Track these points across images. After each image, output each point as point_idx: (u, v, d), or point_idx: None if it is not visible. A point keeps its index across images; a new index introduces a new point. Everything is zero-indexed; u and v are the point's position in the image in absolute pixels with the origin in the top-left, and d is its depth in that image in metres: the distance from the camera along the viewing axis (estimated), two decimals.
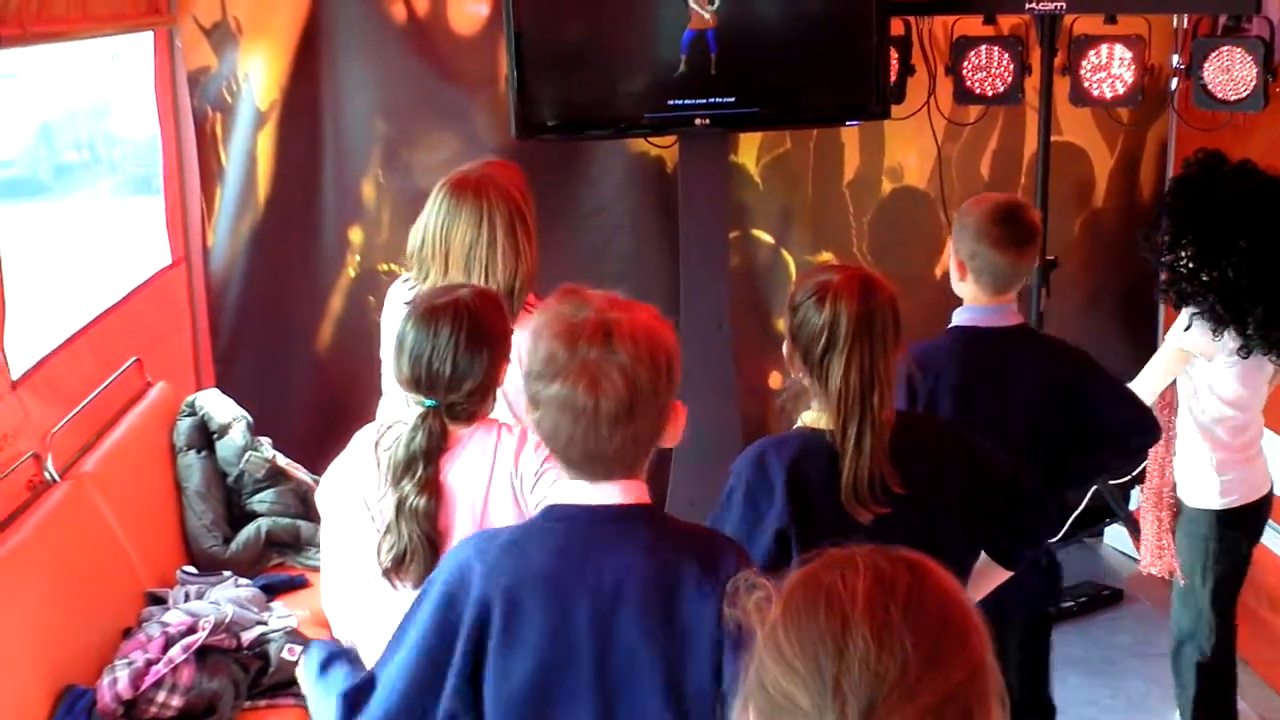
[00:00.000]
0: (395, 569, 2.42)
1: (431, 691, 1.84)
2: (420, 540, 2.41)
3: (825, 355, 2.37)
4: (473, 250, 2.97)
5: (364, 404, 3.36)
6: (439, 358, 2.43)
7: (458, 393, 2.45)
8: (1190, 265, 3.50)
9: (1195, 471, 3.68)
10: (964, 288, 3.08)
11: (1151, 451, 3.72)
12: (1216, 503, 3.66)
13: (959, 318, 3.09)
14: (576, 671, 1.82)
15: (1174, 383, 3.71)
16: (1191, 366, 3.62)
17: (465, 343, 2.43)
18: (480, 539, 1.94)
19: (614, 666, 1.82)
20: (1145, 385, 3.61)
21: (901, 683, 1.12)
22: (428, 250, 3.02)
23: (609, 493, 1.84)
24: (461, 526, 2.45)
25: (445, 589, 1.87)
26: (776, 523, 2.40)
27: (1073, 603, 4.70)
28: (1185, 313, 3.57)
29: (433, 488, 2.43)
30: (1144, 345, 4.73)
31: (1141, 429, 3.17)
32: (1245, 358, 3.51)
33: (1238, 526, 3.69)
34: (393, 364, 2.53)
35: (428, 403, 2.45)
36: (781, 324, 5.22)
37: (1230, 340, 3.48)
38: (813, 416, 2.47)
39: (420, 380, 2.45)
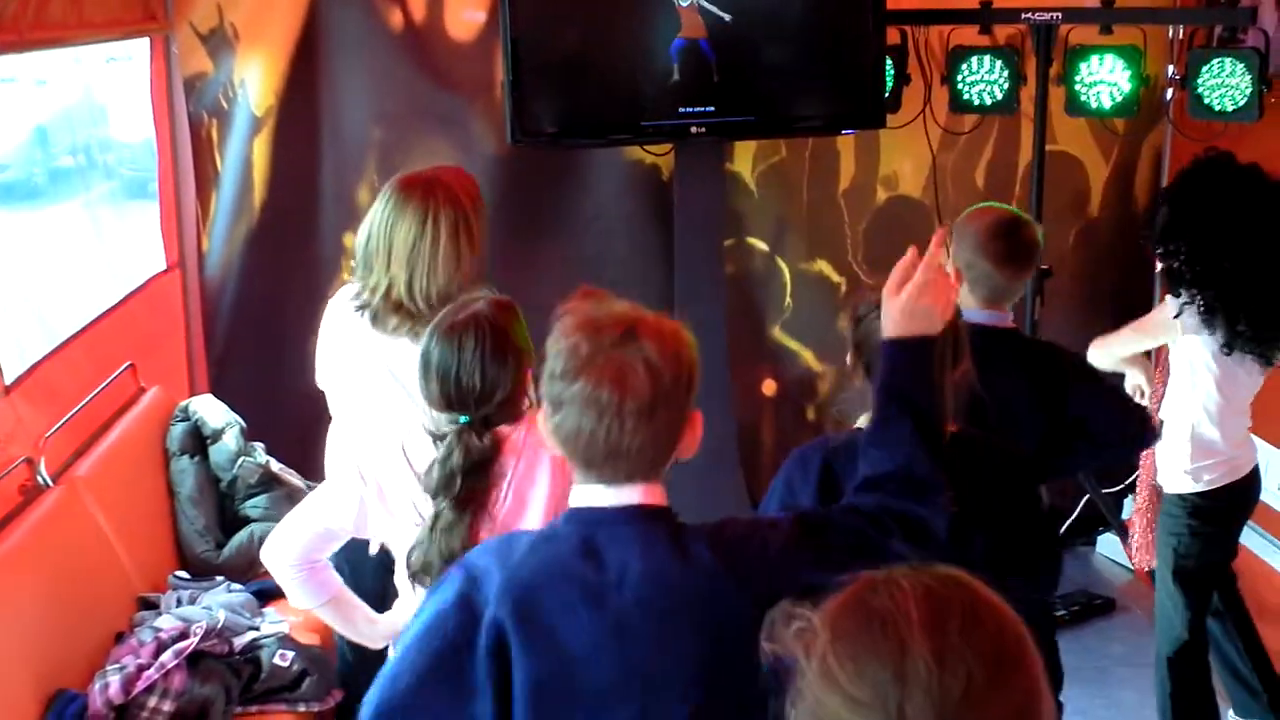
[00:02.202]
0: (420, 575, 2.45)
1: (442, 693, 1.82)
2: (447, 556, 2.42)
3: None
4: (415, 250, 2.99)
5: None
6: (467, 372, 2.44)
7: (489, 405, 2.46)
8: (1184, 257, 3.53)
9: (1170, 456, 3.70)
10: (964, 296, 3.09)
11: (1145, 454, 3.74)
12: (1189, 487, 3.68)
13: None
14: (604, 671, 1.80)
15: (1160, 369, 3.74)
16: (1178, 351, 3.64)
17: (491, 354, 2.44)
18: (499, 544, 1.92)
19: (642, 665, 1.80)
20: (1116, 345, 3.67)
21: (966, 701, 1.10)
22: (372, 247, 3.04)
23: (629, 494, 1.83)
24: (535, 511, 2.48)
25: (460, 591, 1.84)
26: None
27: (1065, 611, 4.70)
28: (1175, 301, 3.59)
29: (467, 504, 2.44)
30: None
31: (1130, 429, 3.17)
32: (1228, 355, 3.53)
33: (1211, 513, 3.70)
34: (419, 387, 2.53)
35: (462, 419, 2.46)
36: (777, 332, 5.28)
37: (1217, 336, 3.51)
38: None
39: (451, 398, 2.46)
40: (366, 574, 2.99)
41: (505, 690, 1.80)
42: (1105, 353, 3.76)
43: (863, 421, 2.51)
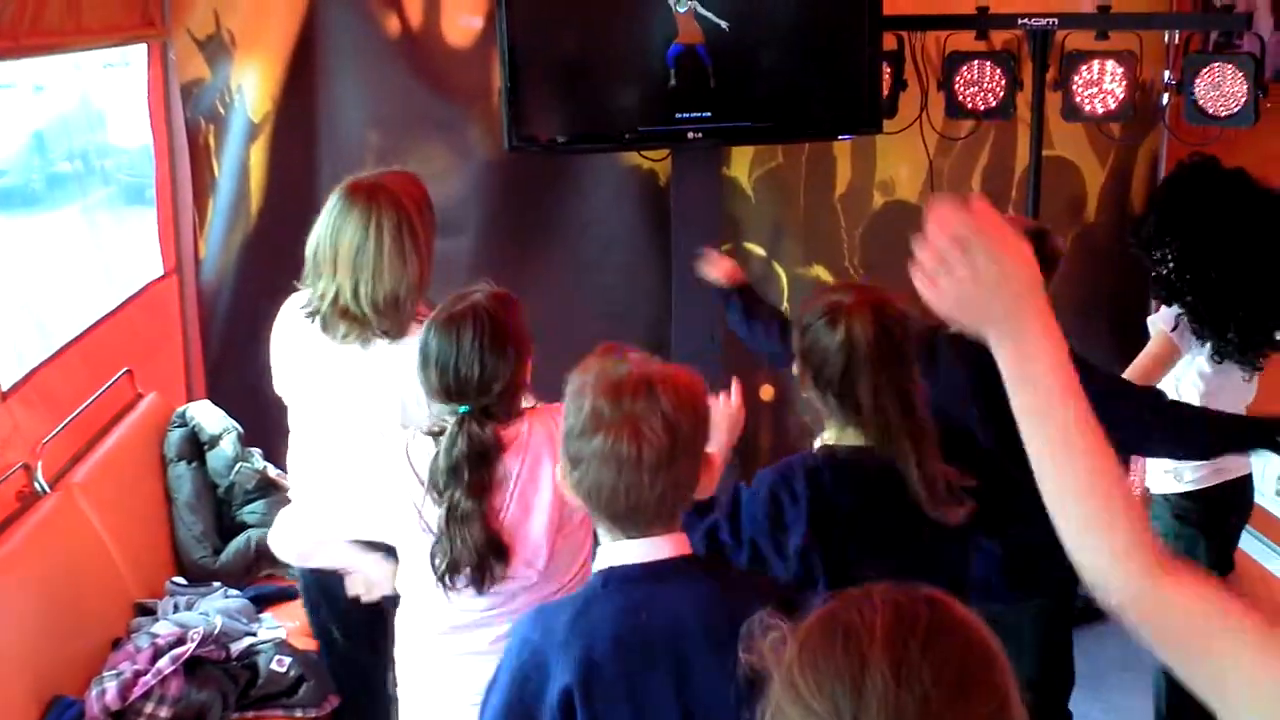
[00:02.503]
0: (450, 576, 2.46)
1: None
2: (471, 547, 2.44)
3: (845, 377, 2.39)
4: (359, 254, 2.99)
5: None
6: (465, 362, 2.46)
7: (489, 395, 2.49)
8: (1172, 264, 3.53)
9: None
10: None
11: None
12: (1170, 487, 3.68)
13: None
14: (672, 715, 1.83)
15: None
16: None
17: (489, 344, 2.47)
18: (542, 616, 1.95)
19: (699, 715, 1.83)
20: (1137, 371, 3.64)
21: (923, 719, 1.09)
22: (320, 253, 3.05)
23: (659, 547, 1.87)
24: (539, 518, 2.50)
25: (518, 672, 1.88)
26: (799, 540, 2.40)
27: None
28: (1170, 312, 3.59)
29: (480, 490, 2.46)
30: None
31: (1141, 420, 3.15)
32: (1219, 363, 3.54)
33: (1194, 515, 3.69)
34: (419, 378, 2.54)
35: (461, 409, 2.47)
36: None
37: (1208, 346, 3.51)
38: (834, 435, 2.48)
39: (450, 388, 2.49)
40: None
41: None
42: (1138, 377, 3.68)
43: (828, 438, 2.50)
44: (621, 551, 1.89)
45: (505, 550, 2.49)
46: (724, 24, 4.34)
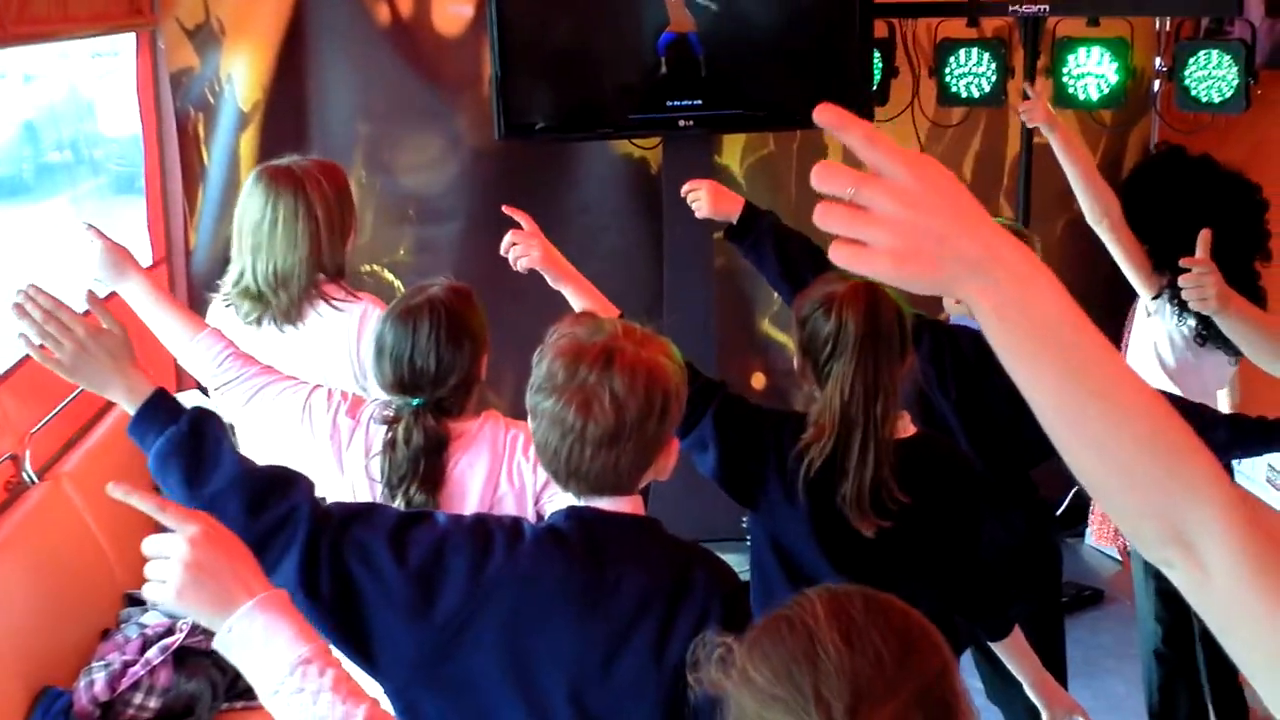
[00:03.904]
0: None
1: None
2: None
3: (828, 363, 2.37)
4: (257, 232, 3.05)
5: None
6: (421, 355, 2.45)
7: (444, 387, 2.47)
8: (1147, 250, 3.55)
9: None
10: (951, 304, 3.10)
11: None
12: None
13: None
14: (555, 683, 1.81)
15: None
16: (1142, 331, 3.64)
17: (446, 337, 2.46)
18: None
19: (618, 675, 1.80)
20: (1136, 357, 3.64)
21: (880, 677, 1.13)
22: (233, 235, 3.13)
23: (611, 504, 1.86)
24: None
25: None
26: None
27: None
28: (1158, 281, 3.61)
29: (434, 484, 2.45)
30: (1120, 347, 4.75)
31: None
32: (1201, 345, 3.54)
33: None
34: (372, 370, 2.53)
35: (414, 401, 2.45)
36: (766, 324, 5.28)
37: (1188, 327, 3.52)
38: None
39: (404, 380, 2.47)
40: None
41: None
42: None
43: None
44: (564, 501, 1.91)
45: None
46: (713, 4, 4.32)
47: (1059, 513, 5.20)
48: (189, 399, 4.28)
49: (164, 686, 3.23)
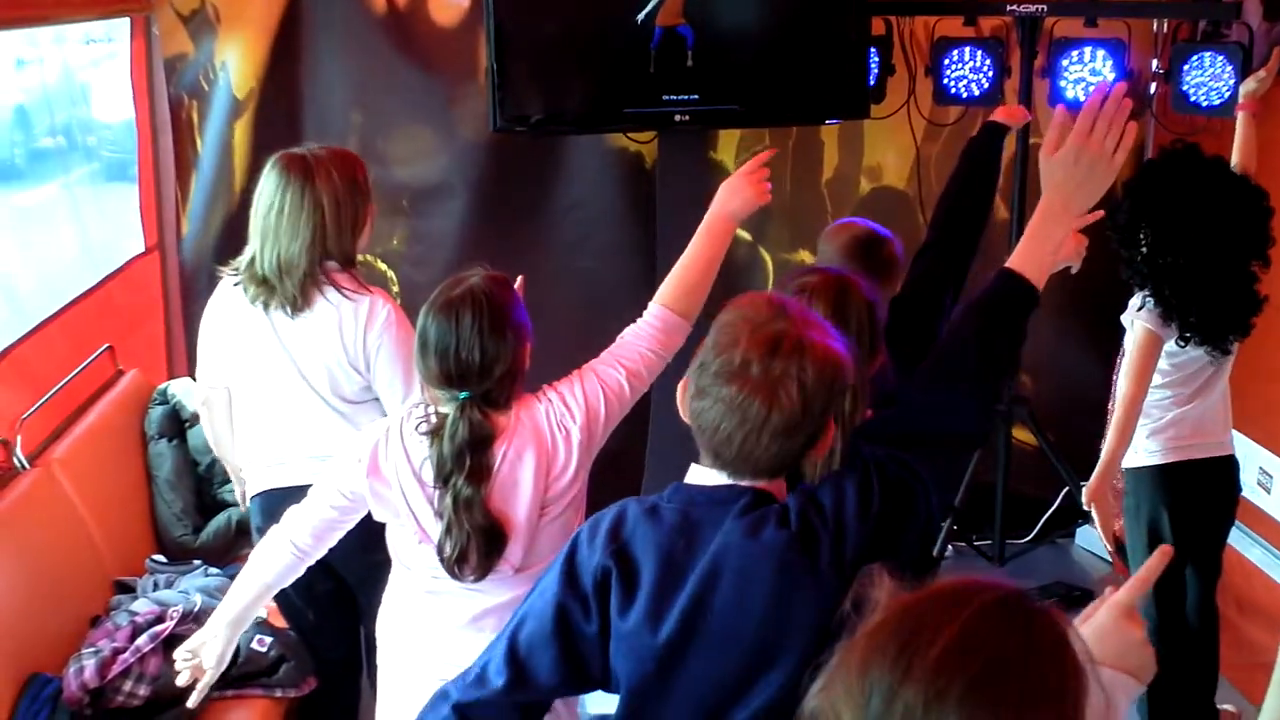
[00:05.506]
0: (459, 564, 2.46)
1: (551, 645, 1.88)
2: (476, 532, 2.43)
3: None
4: (266, 217, 3.10)
5: None
6: (465, 347, 2.44)
7: (490, 379, 2.46)
8: (1145, 250, 3.55)
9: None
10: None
11: None
12: (1143, 460, 3.70)
13: None
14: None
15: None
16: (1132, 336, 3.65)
17: (489, 328, 2.45)
18: (596, 517, 1.96)
19: (710, 640, 1.83)
20: (1130, 375, 3.62)
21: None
22: (250, 218, 3.17)
23: (770, 485, 1.87)
24: (518, 511, 2.49)
25: (572, 543, 1.94)
26: None
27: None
28: (1140, 295, 3.61)
29: (480, 476, 2.44)
30: (1117, 350, 4.74)
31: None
32: (1183, 348, 3.56)
33: (1154, 489, 3.70)
34: (417, 365, 2.52)
35: (461, 395, 2.44)
36: None
37: (1173, 330, 3.53)
38: None
39: (451, 374, 2.45)
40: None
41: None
42: (1133, 384, 3.65)
43: None
44: (702, 475, 1.88)
45: (503, 536, 2.48)
46: None
47: (1049, 513, 5.22)
48: (181, 386, 4.28)
49: (153, 674, 3.22)
